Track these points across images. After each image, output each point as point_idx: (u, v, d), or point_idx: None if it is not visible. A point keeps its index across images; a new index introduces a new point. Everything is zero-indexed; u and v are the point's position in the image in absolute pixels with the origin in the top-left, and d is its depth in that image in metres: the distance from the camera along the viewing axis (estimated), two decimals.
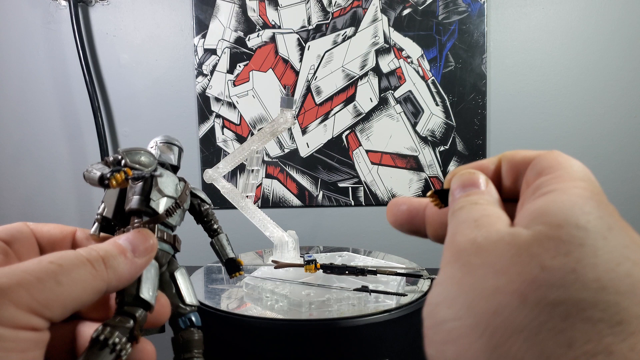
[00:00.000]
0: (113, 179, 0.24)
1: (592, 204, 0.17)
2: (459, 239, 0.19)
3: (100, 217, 0.29)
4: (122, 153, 0.28)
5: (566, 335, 0.14)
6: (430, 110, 0.86)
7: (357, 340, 0.41)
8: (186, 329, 0.29)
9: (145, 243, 0.25)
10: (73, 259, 0.22)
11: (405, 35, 0.85)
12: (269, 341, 0.41)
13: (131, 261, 0.24)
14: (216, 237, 0.34)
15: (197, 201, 0.33)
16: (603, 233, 0.16)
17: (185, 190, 0.31)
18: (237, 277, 0.35)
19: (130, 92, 0.89)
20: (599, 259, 0.15)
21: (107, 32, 0.88)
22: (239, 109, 0.88)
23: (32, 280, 0.20)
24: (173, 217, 0.29)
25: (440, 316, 0.17)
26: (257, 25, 0.86)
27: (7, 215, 0.91)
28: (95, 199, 0.90)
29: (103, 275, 0.22)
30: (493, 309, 0.15)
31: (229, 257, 0.34)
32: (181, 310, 0.29)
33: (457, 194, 0.22)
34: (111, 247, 0.24)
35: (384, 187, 0.88)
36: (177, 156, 0.32)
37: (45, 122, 0.90)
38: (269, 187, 0.89)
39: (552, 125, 0.85)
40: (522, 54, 0.84)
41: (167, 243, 0.29)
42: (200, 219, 0.34)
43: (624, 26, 0.82)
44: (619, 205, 0.95)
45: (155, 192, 0.28)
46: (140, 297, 0.25)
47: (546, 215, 0.17)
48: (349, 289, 0.46)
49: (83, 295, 0.21)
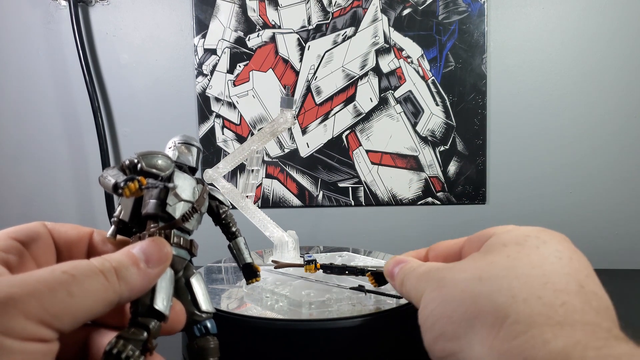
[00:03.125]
0: (127, 189, 0.24)
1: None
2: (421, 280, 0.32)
3: (117, 220, 0.29)
4: (139, 157, 0.27)
5: None
6: (430, 110, 0.86)
7: (357, 340, 0.41)
8: (201, 336, 0.29)
9: (160, 253, 0.25)
10: (86, 270, 0.21)
11: (405, 35, 0.85)
12: (269, 341, 0.41)
13: (144, 272, 0.24)
14: (234, 241, 0.34)
15: (216, 203, 0.32)
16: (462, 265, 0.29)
17: (203, 193, 0.30)
18: (254, 283, 0.35)
19: (130, 92, 0.89)
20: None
21: (107, 32, 0.88)
22: (239, 109, 0.88)
23: (43, 290, 0.19)
24: (190, 222, 0.28)
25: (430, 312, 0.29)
26: (257, 25, 0.86)
27: (7, 216, 0.91)
28: (96, 199, 0.90)
29: (115, 287, 0.22)
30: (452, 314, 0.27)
31: (246, 263, 0.34)
32: (196, 317, 0.29)
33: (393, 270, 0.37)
34: (124, 257, 0.24)
35: (384, 187, 0.88)
36: (195, 157, 0.31)
37: (45, 122, 0.90)
38: (269, 187, 0.89)
39: (552, 125, 0.85)
40: (522, 54, 0.84)
41: (183, 249, 0.28)
42: (218, 221, 0.33)
43: (625, 26, 0.82)
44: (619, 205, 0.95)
45: (171, 197, 0.28)
46: (154, 308, 0.25)
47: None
48: (345, 287, 0.46)
49: (94, 306, 0.21)
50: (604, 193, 0.84)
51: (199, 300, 0.29)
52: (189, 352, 0.29)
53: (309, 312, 0.43)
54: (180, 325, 0.27)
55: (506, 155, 0.86)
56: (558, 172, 0.85)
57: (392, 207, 0.88)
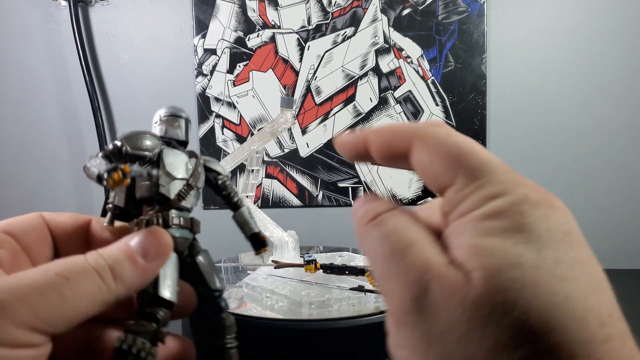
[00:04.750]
0: (110, 180, 0.23)
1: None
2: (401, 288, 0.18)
3: (112, 207, 0.28)
4: (122, 140, 0.26)
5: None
6: (430, 110, 0.86)
7: (357, 340, 0.41)
8: (214, 315, 0.28)
9: (158, 245, 0.24)
10: (80, 270, 0.21)
11: (405, 35, 0.85)
12: (269, 341, 0.41)
13: (142, 268, 0.23)
14: (238, 211, 0.32)
15: (213, 175, 0.31)
16: (536, 262, 0.16)
17: (197, 167, 0.29)
18: (263, 253, 0.33)
19: (130, 92, 0.89)
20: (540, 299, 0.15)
21: (107, 32, 0.88)
22: (239, 109, 0.88)
23: (35, 295, 0.19)
24: (187, 200, 0.27)
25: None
26: (257, 25, 0.86)
27: (7, 216, 0.91)
28: (96, 199, 0.90)
29: (111, 287, 0.21)
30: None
31: (253, 233, 0.32)
32: (207, 297, 0.28)
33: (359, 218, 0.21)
34: (120, 253, 0.23)
35: (384, 187, 0.88)
36: (184, 130, 0.30)
37: (45, 122, 0.90)
38: (269, 187, 0.89)
39: (552, 125, 0.85)
40: (522, 54, 0.84)
41: (184, 228, 0.27)
42: (218, 192, 0.31)
43: (625, 26, 0.82)
44: (620, 205, 0.95)
45: (163, 177, 0.27)
46: (159, 296, 0.24)
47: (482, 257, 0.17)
48: (345, 288, 0.46)
49: (89, 308, 0.20)
50: (604, 193, 0.84)
51: (207, 279, 0.28)
52: (204, 333, 0.28)
53: (309, 312, 0.43)
54: (191, 307, 0.27)
55: (506, 155, 0.86)
56: (558, 172, 0.85)
57: None
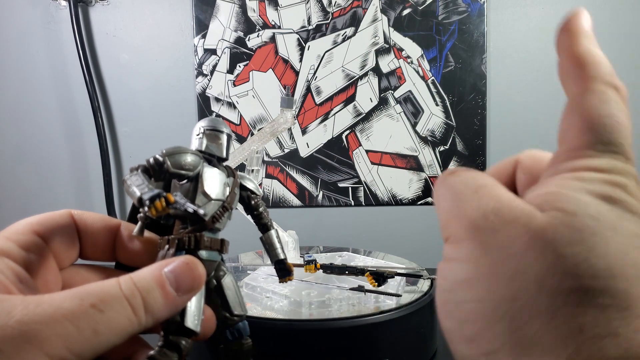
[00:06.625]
0: (153, 209, 0.22)
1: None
2: (468, 212, 0.19)
3: (143, 216, 0.27)
4: (164, 155, 0.25)
5: (578, 320, 0.15)
6: (430, 110, 0.86)
7: (357, 340, 0.41)
8: (234, 340, 0.27)
9: (192, 279, 0.23)
10: (114, 302, 0.20)
11: (405, 35, 0.85)
12: (269, 341, 0.41)
13: (172, 299, 0.22)
14: (266, 234, 0.31)
15: (247, 193, 0.30)
16: (614, 223, 0.16)
17: (234, 187, 0.28)
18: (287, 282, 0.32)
19: (130, 92, 0.89)
20: (610, 249, 0.16)
21: (107, 32, 0.88)
22: (239, 109, 0.88)
23: (69, 327, 0.18)
24: (220, 222, 0.27)
25: (460, 295, 0.18)
26: (257, 25, 0.86)
27: (7, 216, 0.91)
28: (96, 199, 0.90)
29: (141, 320, 0.21)
30: (512, 294, 0.16)
31: (279, 259, 0.31)
32: (229, 321, 0.27)
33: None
34: (153, 282, 0.22)
35: (384, 187, 0.88)
36: (225, 146, 0.28)
37: (45, 122, 0.90)
38: (269, 187, 0.89)
39: (552, 125, 0.84)
40: (522, 54, 0.84)
41: (213, 250, 0.26)
42: (250, 210, 0.31)
43: (624, 26, 0.82)
44: None
45: (200, 196, 0.26)
46: (184, 326, 0.23)
47: (561, 201, 0.17)
48: (345, 288, 0.46)
49: (116, 340, 0.20)
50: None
51: (230, 304, 0.27)
52: (223, 356, 0.28)
53: (309, 312, 0.43)
54: (210, 332, 0.26)
55: (506, 155, 0.85)
56: None
57: (392, 207, 0.88)
